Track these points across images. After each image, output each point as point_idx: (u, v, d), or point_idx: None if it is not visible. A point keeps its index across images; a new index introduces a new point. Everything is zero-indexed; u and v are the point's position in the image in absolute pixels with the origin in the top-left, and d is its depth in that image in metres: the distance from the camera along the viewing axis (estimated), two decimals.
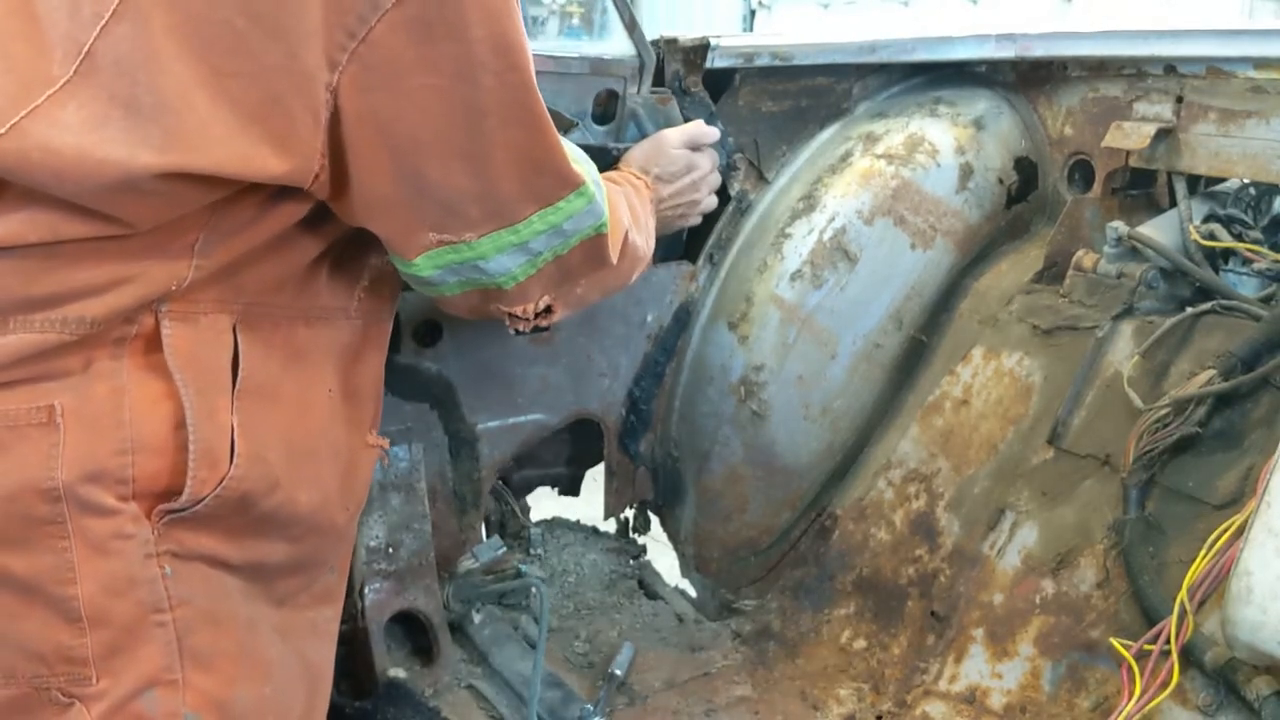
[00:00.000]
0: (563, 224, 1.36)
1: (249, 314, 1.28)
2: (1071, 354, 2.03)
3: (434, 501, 2.12)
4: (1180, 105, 2.08)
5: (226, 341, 1.26)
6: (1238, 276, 2.00)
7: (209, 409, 1.22)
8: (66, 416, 1.16)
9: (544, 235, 1.36)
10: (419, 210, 1.29)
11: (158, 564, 1.21)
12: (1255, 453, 1.71)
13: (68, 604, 1.18)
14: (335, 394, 1.38)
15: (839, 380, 2.27)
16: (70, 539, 1.17)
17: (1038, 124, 2.35)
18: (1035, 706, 1.78)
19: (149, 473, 1.20)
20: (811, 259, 2.21)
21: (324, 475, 1.37)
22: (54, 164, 1.12)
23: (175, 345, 1.22)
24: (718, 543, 2.40)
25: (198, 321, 1.24)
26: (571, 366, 2.21)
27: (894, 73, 2.40)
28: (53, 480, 1.15)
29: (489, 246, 1.33)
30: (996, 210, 2.34)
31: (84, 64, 1.13)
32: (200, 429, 1.21)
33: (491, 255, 1.34)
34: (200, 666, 1.25)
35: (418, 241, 1.32)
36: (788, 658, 2.14)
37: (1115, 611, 1.75)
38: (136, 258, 1.19)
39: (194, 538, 1.24)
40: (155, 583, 1.21)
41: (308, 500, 1.33)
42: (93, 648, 1.19)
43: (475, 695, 2.04)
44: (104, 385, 1.19)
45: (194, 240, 1.21)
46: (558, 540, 2.43)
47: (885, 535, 2.15)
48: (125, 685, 1.20)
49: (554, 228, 1.35)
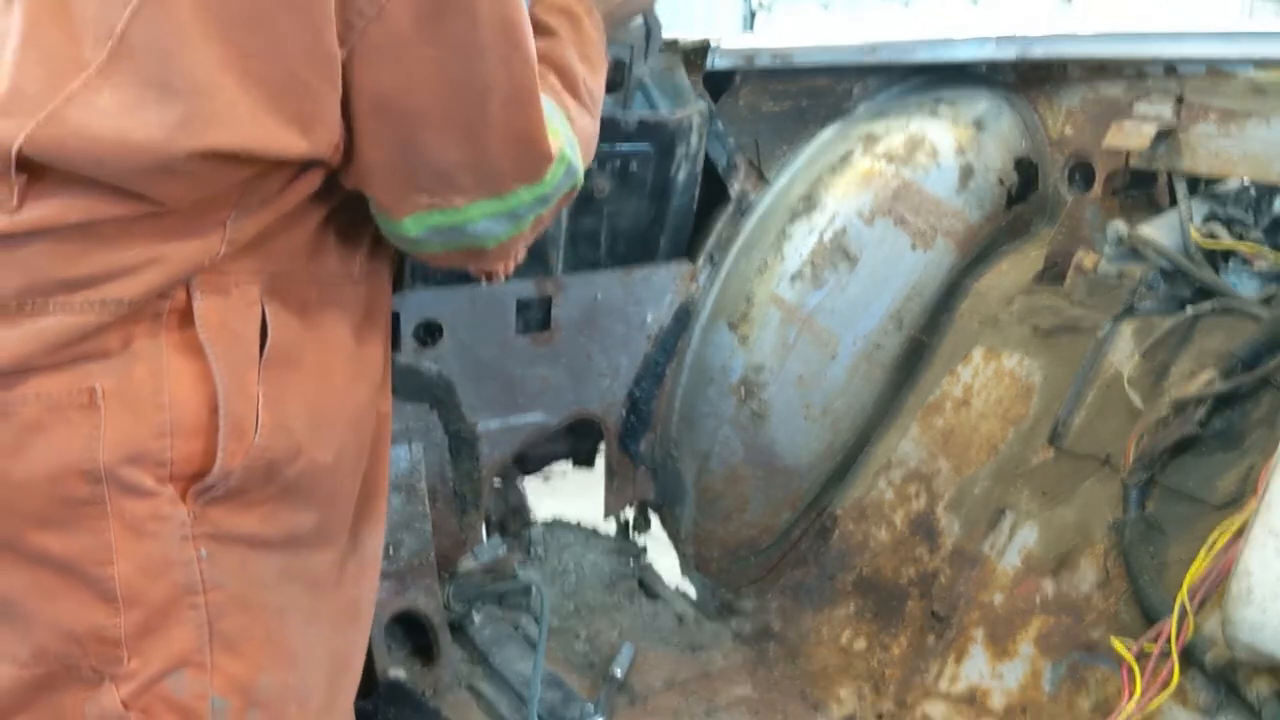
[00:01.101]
0: (546, 194, 1.38)
1: (274, 282, 1.29)
2: (1072, 354, 2.03)
3: (434, 501, 2.12)
4: (1181, 105, 2.08)
5: (255, 312, 1.27)
6: (1238, 277, 2.00)
7: (239, 381, 1.24)
8: (108, 399, 1.18)
9: (529, 204, 1.38)
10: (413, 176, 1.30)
11: (194, 546, 1.23)
12: (1255, 453, 1.72)
13: (105, 584, 1.19)
14: (350, 358, 1.40)
15: (839, 380, 2.27)
16: (109, 520, 1.18)
17: (1038, 124, 2.35)
18: (1035, 707, 1.78)
19: (186, 455, 1.21)
20: (812, 259, 2.21)
21: (343, 440, 1.39)
22: (93, 149, 1.14)
23: (206, 317, 1.23)
24: (718, 543, 2.40)
25: (229, 293, 1.25)
26: (572, 367, 2.21)
27: (894, 73, 2.40)
28: (94, 462, 1.17)
29: (476, 212, 1.35)
30: (997, 211, 2.34)
31: (116, 47, 1.13)
32: (231, 402, 1.22)
33: (478, 220, 1.35)
34: (229, 650, 1.26)
35: (408, 203, 1.33)
36: (788, 658, 2.14)
37: (1115, 611, 1.75)
38: (171, 236, 1.20)
39: (230, 518, 1.25)
40: (191, 565, 1.22)
41: (325, 464, 1.35)
42: (125, 628, 1.20)
43: (475, 695, 2.04)
44: (144, 367, 1.20)
45: (226, 216, 1.23)
46: (558, 540, 2.43)
47: (885, 535, 2.15)
48: (155, 665, 1.22)
49: (539, 198, 1.37)
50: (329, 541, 1.41)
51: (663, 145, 2.09)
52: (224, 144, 1.15)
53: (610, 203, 2.11)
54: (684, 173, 2.16)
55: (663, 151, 2.09)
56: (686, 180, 2.18)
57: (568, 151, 1.39)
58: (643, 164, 2.10)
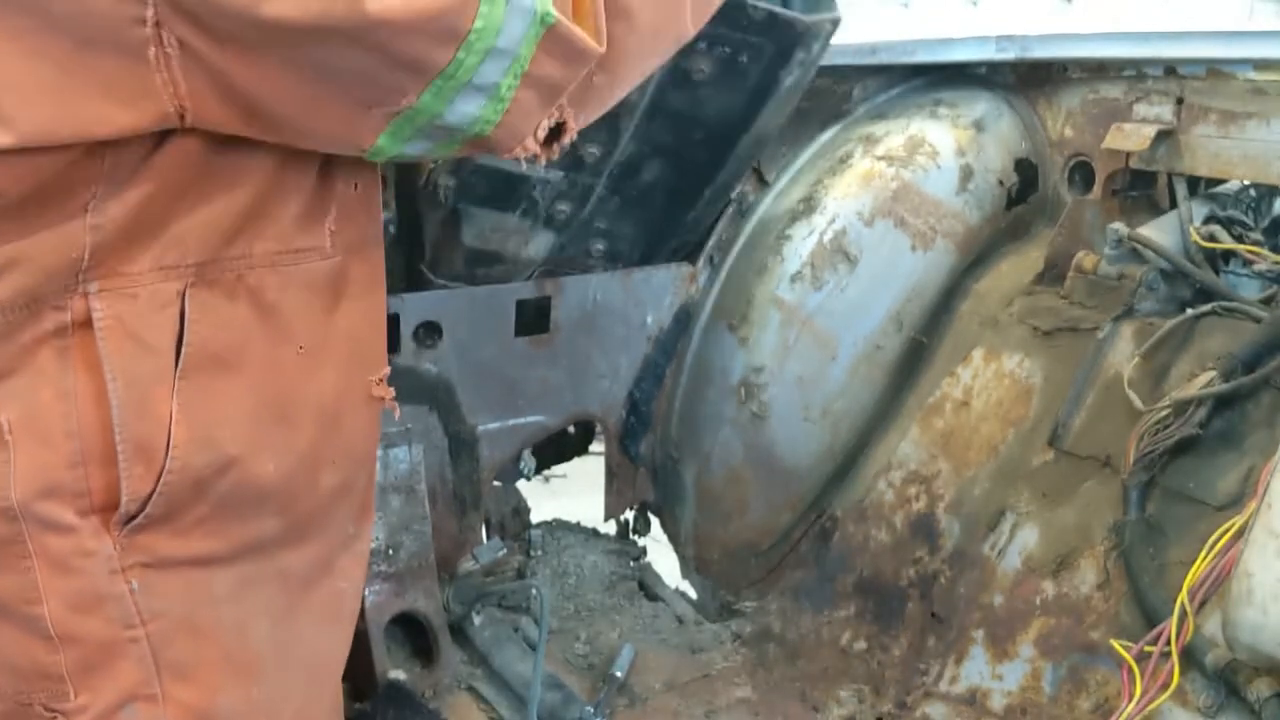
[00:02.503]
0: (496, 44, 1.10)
1: (204, 275, 1.16)
2: (1072, 355, 2.03)
3: (434, 503, 2.12)
4: (1180, 107, 2.08)
5: (170, 315, 1.14)
6: (1238, 278, 2.00)
7: (140, 399, 1.13)
8: (15, 431, 1.10)
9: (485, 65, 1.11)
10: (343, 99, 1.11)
11: (124, 579, 1.15)
12: (1256, 454, 1.71)
13: (38, 623, 1.14)
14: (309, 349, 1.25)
15: (839, 382, 2.27)
16: (33, 559, 1.12)
17: (1038, 126, 2.35)
18: (1036, 708, 1.78)
19: (103, 484, 1.13)
20: (812, 260, 2.21)
21: (297, 440, 1.26)
22: None
23: (108, 327, 1.11)
24: (718, 544, 2.40)
25: (136, 296, 1.12)
26: (571, 368, 2.21)
27: (894, 74, 2.40)
28: (7, 499, 1.10)
29: (432, 100, 1.11)
30: (997, 212, 2.34)
31: None
32: (129, 424, 1.12)
33: (443, 108, 1.12)
34: (180, 678, 1.20)
35: (365, 127, 1.14)
36: (788, 659, 2.14)
37: (1116, 613, 1.75)
38: (24, 231, 1.08)
39: (166, 543, 1.17)
40: (123, 599, 1.15)
41: (276, 468, 1.23)
42: (67, 665, 1.15)
43: (475, 697, 2.04)
44: (50, 390, 1.11)
45: (85, 201, 1.09)
46: (558, 542, 2.43)
47: (885, 537, 2.15)
48: (104, 700, 1.17)
49: (489, 52, 1.10)
50: (306, 538, 1.31)
51: (783, 46, 1.87)
52: (27, 137, 1.02)
53: (705, 87, 1.90)
54: (792, 79, 1.96)
55: (781, 52, 1.88)
56: (790, 90, 1.99)
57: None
58: (754, 58, 1.88)
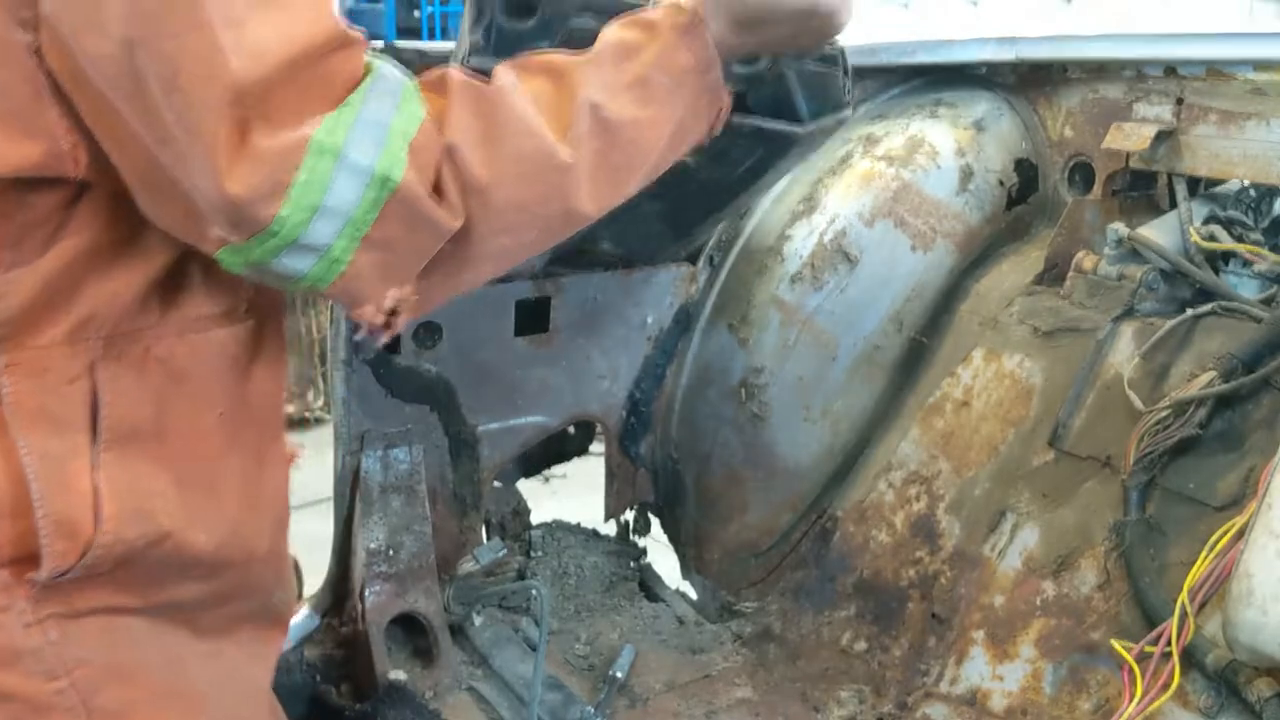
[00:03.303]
0: (323, 202, 1.01)
1: (114, 345, 1.11)
2: (1072, 356, 2.03)
3: (434, 503, 2.12)
4: (1180, 107, 2.08)
5: (81, 388, 1.10)
6: (1238, 278, 2.00)
7: (58, 475, 1.09)
8: None
9: (314, 223, 1.02)
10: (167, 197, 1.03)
11: (40, 632, 1.11)
12: (1256, 454, 1.71)
13: None
14: (229, 413, 1.21)
15: (839, 382, 2.27)
16: None
17: (1038, 126, 2.35)
18: (1036, 708, 1.78)
19: (12, 537, 1.09)
20: (812, 261, 2.21)
21: (227, 508, 1.22)
22: None
23: (18, 403, 1.07)
24: (718, 544, 2.40)
25: (44, 372, 1.08)
26: (571, 368, 2.21)
27: (894, 75, 2.40)
28: None
29: (258, 250, 1.04)
30: (997, 212, 2.34)
31: None
32: (49, 501, 1.08)
33: (269, 260, 1.05)
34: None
35: (203, 239, 1.05)
36: (788, 660, 2.13)
37: (1116, 613, 1.75)
38: None
39: (81, 595, 1.13)
40: (41, 652, 1.12)
41: (209, 539, 1.20)
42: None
43: (476, 697, 2.03)
44: None
45: None
46: (558, 543, 2.43)
47: (886, 537, 2.14)
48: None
49: (317, 209, 1.01)
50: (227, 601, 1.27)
51: (778, 148, 1.78)
52: None
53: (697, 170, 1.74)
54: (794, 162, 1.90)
55: (776, 151, 1.80)
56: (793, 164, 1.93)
57: (321, 137, 0.99)
58: (747, 153, 1.79)
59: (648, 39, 1.22)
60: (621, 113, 1.18)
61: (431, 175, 1.07)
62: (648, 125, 1.21)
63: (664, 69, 1.21)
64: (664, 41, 1.22)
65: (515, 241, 1.19)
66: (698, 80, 1.24)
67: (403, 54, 1.81)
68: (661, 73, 1.21)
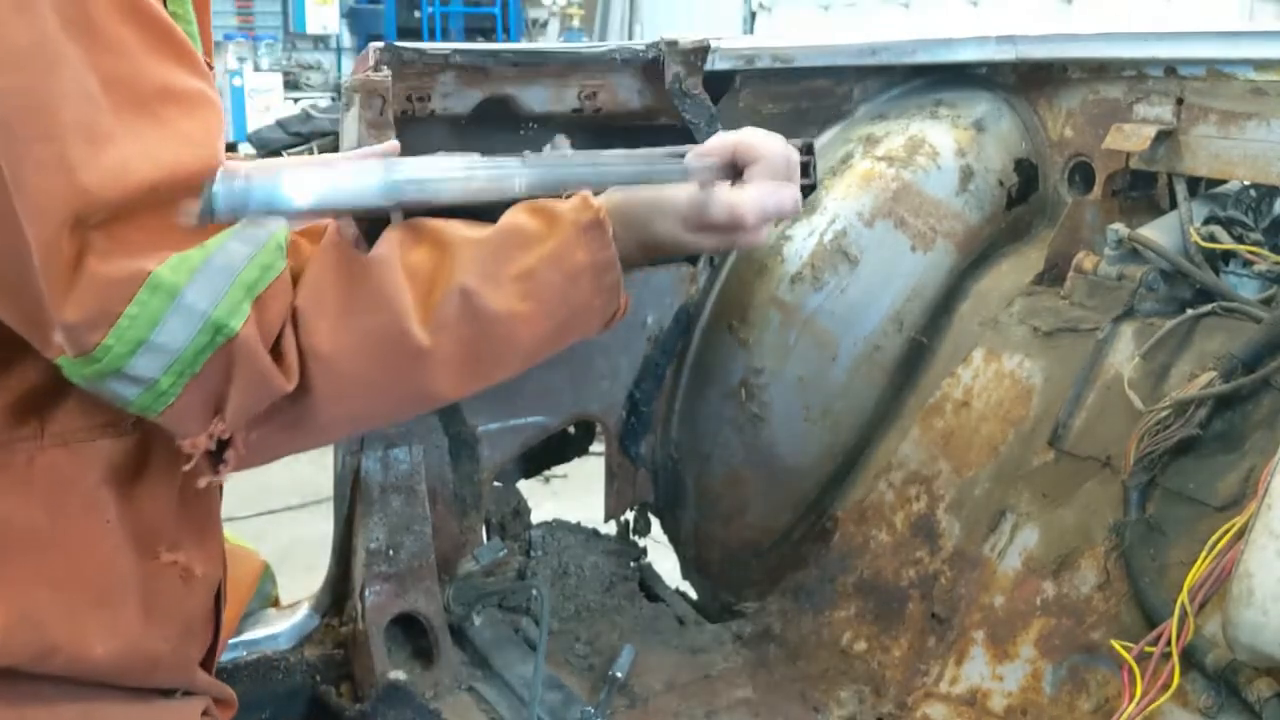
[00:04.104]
0: (149, 338, 1.01)
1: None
2: (1072, 356, 2.03)
3: (434, 504, 2.12)
4: (1180, 107, 2.08)
5: None
6: (1238, 278, 2.00)
7: None
8: None
9: (137, 358, 1.01)
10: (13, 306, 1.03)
11: None
12: (1256, 454, 1.71)
13: None
14: (115, 521, 1.17)
15: (839, 382, 2.27)
16: None
17: (1038, 126, 2.35)
18: (1036, 709, 1.78)
19: None
20: (812, 261, 2.21)
21: (123, 618, 1.18)
22: None
23: None
24: (718, 545, 2.40)
25: None
26: (572, 369, 2.21)
27: (894, 75, 2.40)
28: None
29: (86, 371, 1.03)
30: (997, 212, 2.34)
31: None
32: None
33: (97, 384, 1.04)
34: None
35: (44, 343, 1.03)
36: (788, 660, 2.14)
37: (1116, 613, 1.75)
38: None
39: None
40: None
41: (106, 651, 1.16)
42: None
43: (476, 697, 2.03)
44: None
45: None
46: (558, 542, 2.43)
47: (886, 537, 2.15)
48: None
49: (141, 344, 1.01)
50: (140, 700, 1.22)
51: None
52: None
53: None
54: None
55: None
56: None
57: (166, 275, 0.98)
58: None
59: (547, 231, 1.18)
60: (498, 304, 1.15)
61: (275, 332, 1.07)
62: (524, 320, 1.18)
63: (557, 266, 1.18)
64: (562, 238, 1.18)
65: (365, 411, 1.18)
66: (593, 281, 1.20)
67: (403, 54, 1.81)
68: (553, 269, 1.18)
